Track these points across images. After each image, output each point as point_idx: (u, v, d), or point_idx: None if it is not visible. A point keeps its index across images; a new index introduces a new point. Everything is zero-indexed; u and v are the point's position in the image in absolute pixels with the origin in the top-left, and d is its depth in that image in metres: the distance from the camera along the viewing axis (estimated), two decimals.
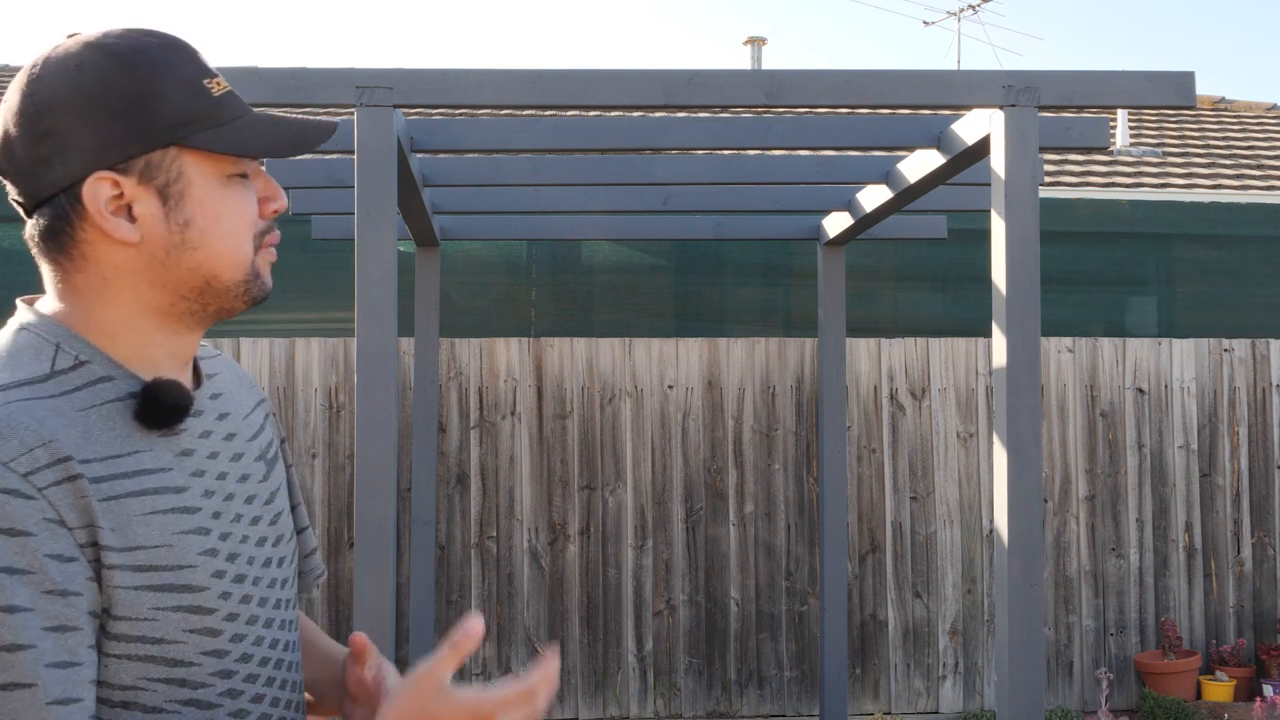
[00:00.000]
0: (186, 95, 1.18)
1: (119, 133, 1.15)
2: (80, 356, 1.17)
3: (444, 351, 6.25)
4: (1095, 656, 6.47)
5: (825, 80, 3.41)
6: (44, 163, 1.15)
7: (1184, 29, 37.35)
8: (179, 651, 1.16)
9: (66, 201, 1.17)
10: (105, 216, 1.16)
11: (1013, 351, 3.31)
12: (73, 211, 1.17)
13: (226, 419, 1.31)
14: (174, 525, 1.16)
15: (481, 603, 6.21)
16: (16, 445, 1.08)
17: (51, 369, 1.15)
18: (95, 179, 1.15)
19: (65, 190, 1.16)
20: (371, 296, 3.31)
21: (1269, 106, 9.64)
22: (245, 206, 1.23)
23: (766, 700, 6.33)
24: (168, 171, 1.18)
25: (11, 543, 1.05)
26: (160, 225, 1.18)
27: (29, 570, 1.06)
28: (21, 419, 1.10)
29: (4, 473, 1.06)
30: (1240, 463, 6.61)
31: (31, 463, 1.08)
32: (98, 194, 1.16)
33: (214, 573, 1.19)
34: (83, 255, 1.19)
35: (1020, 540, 3.28)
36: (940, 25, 15.05)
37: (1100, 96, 3.37)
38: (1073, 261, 6.76)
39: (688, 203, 5.19)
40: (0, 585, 1.04)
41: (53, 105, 1.14)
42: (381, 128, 3.33)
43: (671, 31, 46.62)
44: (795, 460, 6.38)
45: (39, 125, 1.15)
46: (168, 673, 1.16)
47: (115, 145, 1.15)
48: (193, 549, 1.17)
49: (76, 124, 1.14)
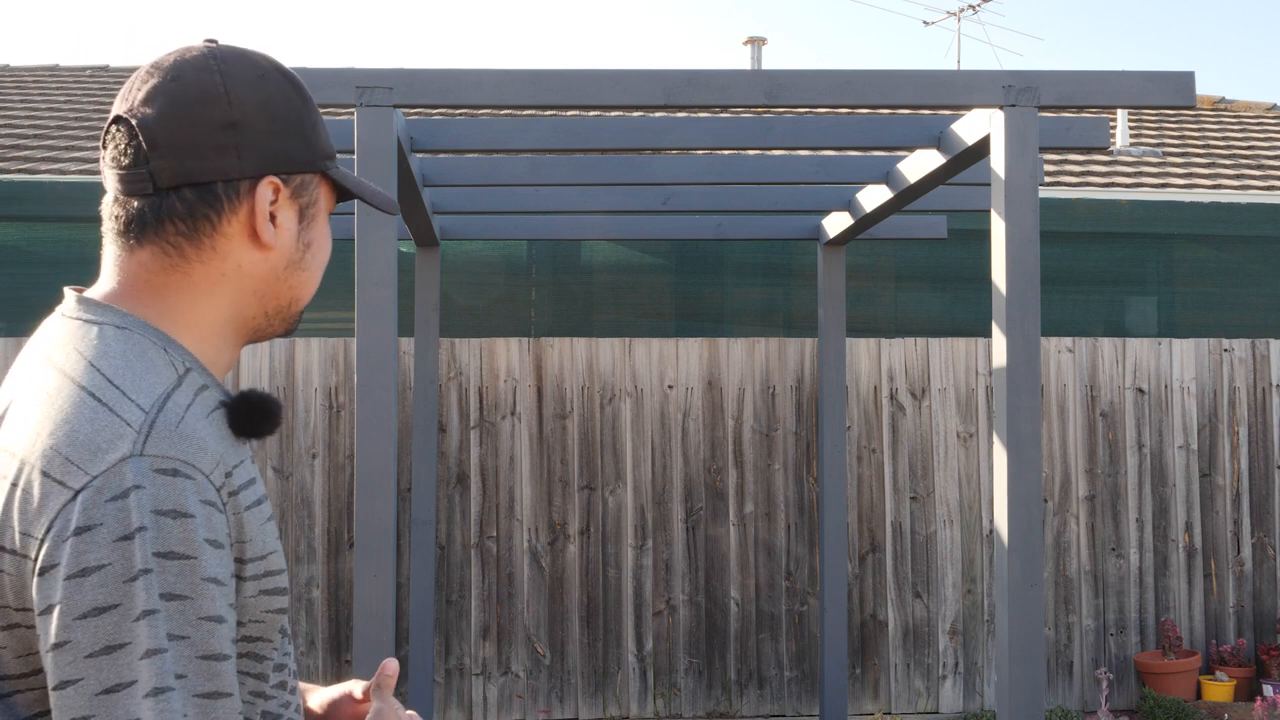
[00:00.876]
0: (325, 131, 1.28)
1: (296, 146, 1.22)
2: (185, 363, 1.17)
3: (444, 351, 6.25)
4: (1095, 656, 6.47)
5: (825, 80, 3.41)
6: (221, 149, 1.18)
7: (1184, 29, 37.33)
8: (267, 649, 1.18)
9: (225, 191, 1.19)
10: (264, 220, 1.21)
11: (1013, 351, 3.31)
12: (228, 202, 1.19)
13: None
14: (273, 532, 1.19)
15: (481, 602, 6.22)
16: (211, 458, 1.09)
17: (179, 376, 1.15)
18: (269, 181, 1.21)
19: (229, 180, 1.19)
20: (371, 296, 3.31)
21: (1269, 106, 9.64)
22: (329, 243, 1.32)
23: (766, 700, 6.33)
24: (311, 194, 1.26)
25: (218, 554, 1.06)
26: (291, 240, 1.24)
27: (225, 583, 1.07)
28: (205, 429, 1.11)
29: (206, 485, 1.07)
30: (1240, 463, 6.61)
31: (221, 477, 1.10)
32: (265, 195, 1.20)
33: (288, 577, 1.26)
34: (214, 246, 1.20)
35: (1020, 540, 3.28)
36: (940, 25, 15.05)
37: (1100, 96, 3.38)
38: (1073, 261, 6.76)
39: (688, 203, 5.19)
40: (213, 596, 1.05)
41: (244, 100, 1.19)
42: (381, 128, 3.33)
43: (671, 31, 46.58)
44: (795, 460, 6.38)
45: (227, 113, 1.18)
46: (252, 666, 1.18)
47: (290, 157, 1.22)
48: (280, 554, 1.20)
49: (265, 125, 1.20)
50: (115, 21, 39.41)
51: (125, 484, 1.02)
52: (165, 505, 1.03)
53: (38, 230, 6.44)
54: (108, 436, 1.05)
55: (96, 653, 0.99)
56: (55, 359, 1.12)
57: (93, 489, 1.02)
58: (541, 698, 6.22)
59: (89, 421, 1.05)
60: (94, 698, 0.99)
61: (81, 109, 8.24)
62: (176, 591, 1.02)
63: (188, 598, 1.03)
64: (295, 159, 1.22)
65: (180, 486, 1.04)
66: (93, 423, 1.05)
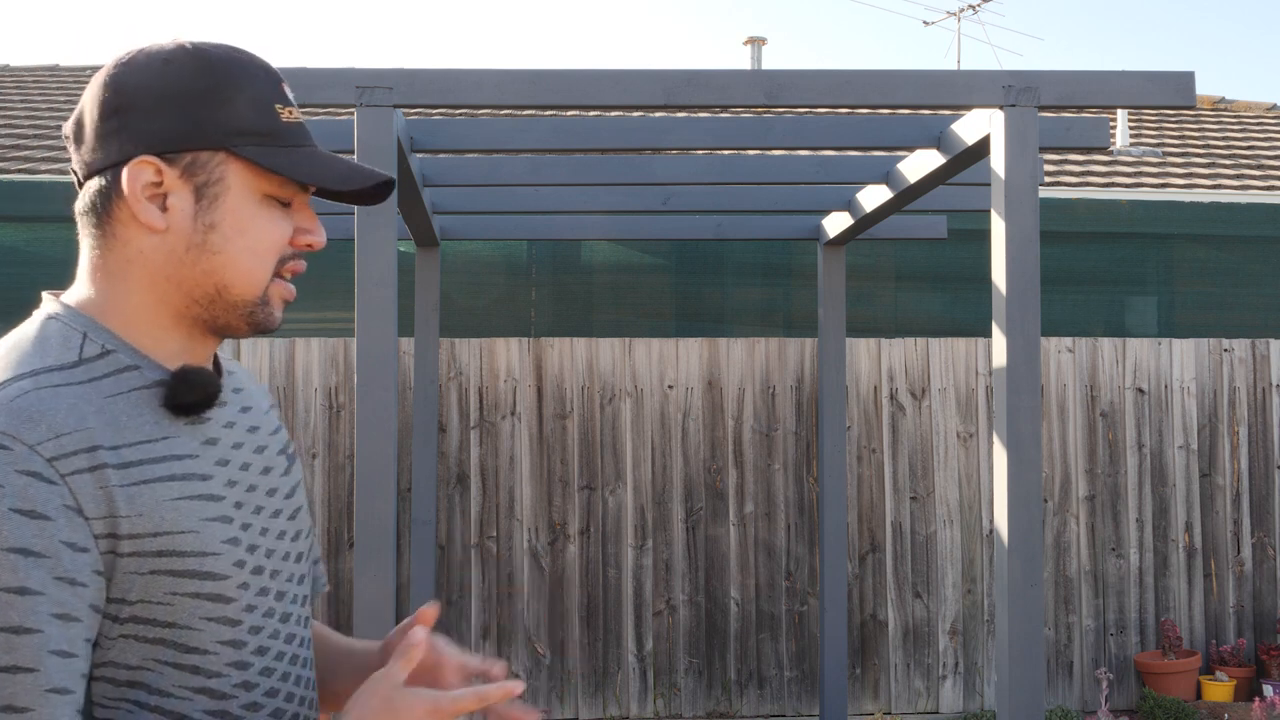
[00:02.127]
0: (252, 110, 1.23)
1: (178, 125, 1.20)
2: (106, 345, 1.20)
3: (444, 351, 6.25)
4: (1095, 656, 6.47)
5: (825, 80, 3.41)
6: (105, 138, 1.21)
7: (1184, 29, 37.34)
8: (194, 639, 1.17)
9: (112, 177, 1.21)
10: (139, 199, 1.20)
11: (1013, 351, 3.31)
12: (114, 188, 1.21)
13: (249, 412, 1.34)
14: (200, 512, 1.18)
15: (482, 603, 6.21)
16: (45, 430, 1.10)
17: (80, 356, 1.18)
18: (140, 162, 1.20)
19: (113, 166, 1.21)
20: (371, 296, 3.31)
21: (1269, 106, 9.64)
22: (274, 229, 1.25)
23: (766, 700, 6.33)
24: (210, 173, 1.22)
25: (31, 525, 1.06)
26: (187, 221, 1.22)
27: (45, 554, 1.07)
28: (51, 404, 1.12)
29: (30, 456, 1.08)
30: (1240, 463, 6.61)
31: (58, 449, 1.10)
32: (138, 176, 1.20)
33: (235, 562, 1.20)
34: (114, 233, 1.22)
35: (1020, 540, 3.28)
36: (940, 25, 15.05)
37: (1100, 96, 3.37)
38: (1073, 261, 6.75)
39: (688, 203, 5.19)
40: (15, 566, 1.05)
41: (130, 88, 1.20)
42: (381, 128, 3.33)
43: (671, 31, 46.65)
44: (795, 460, 6.38)
45: (112, 102, 1.20)
46: (178, 658, 1.17)
47: (169, 135, 1.20)
48: (216, 536, 1.18)
49: (144, 109, 1.20)
50: (115, 21, 39.38)
51: None
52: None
53: (38, 230, 6.44)
54: None
55: None
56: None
57: None
58: (541, 698, 6.22)
59: None
60: None
61: None
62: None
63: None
64: (176, 136, 1.20)
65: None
66: None
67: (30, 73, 9.49)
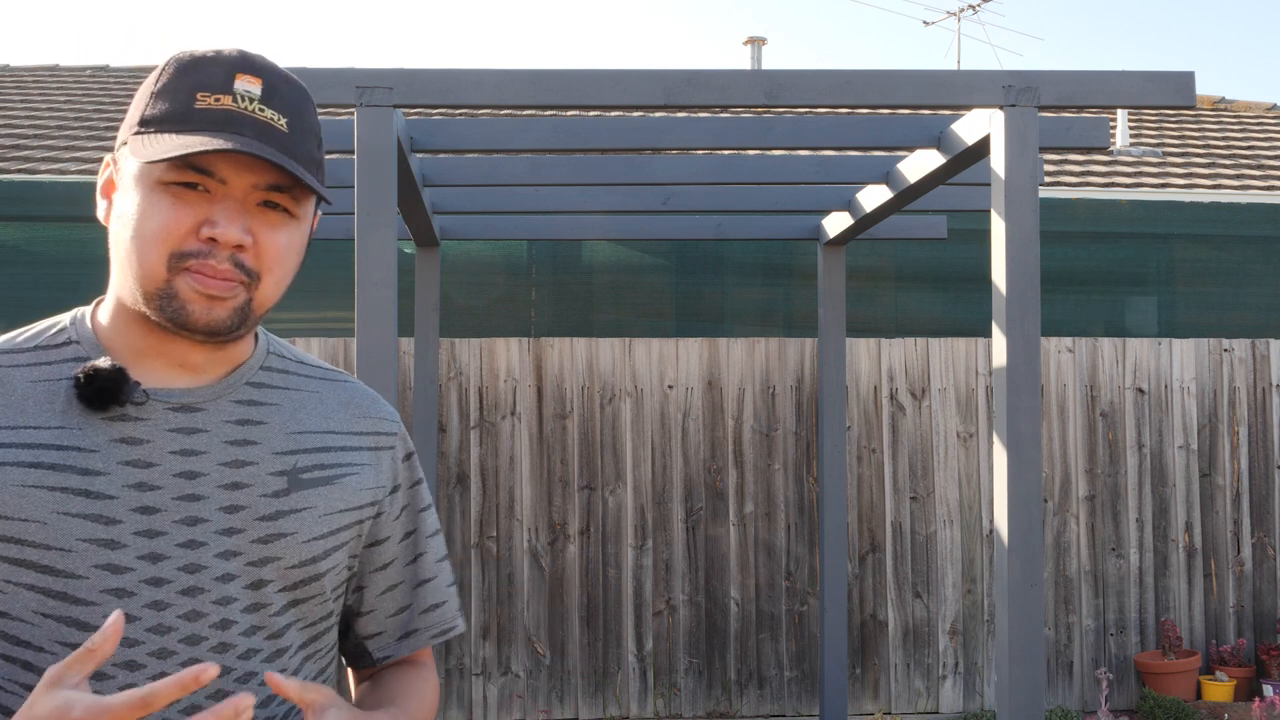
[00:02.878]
0: (167, 100, 1.19)
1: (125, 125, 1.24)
2: (72, 338, 1.25)
3: (444, 351, 6.25)
4: (1095, 656, 6.47)
5: (825, 80, 3.41)
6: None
7: (1184, 29, 37.29)
8: (25, 631, 1.13)
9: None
10: (97, 192, 1.27)
11: (1013, 351, 3.31)
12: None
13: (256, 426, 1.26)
14: (58, 505, 1.13)
15: (481, 603, 6.21)
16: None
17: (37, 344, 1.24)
18: (105, 162, 1.28)
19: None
20: (371, 296, 3.31)
21: (1269, 106, 9.64)
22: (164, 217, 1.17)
23: (766, 700, 6.33)
24: (122, 165, 1.23)
25: None
26: (110, 215, 1.25)
27: None
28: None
29: None
30: (1240, 463, 6.61)
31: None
32: (101, 174, 1.27)
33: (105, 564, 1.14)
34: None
35: (1020, 540, 3.28)
36: (940, 25, 15.04)
37: (1100, 96, 3.37)
38: (1073, 261, 6.75)
39: (688, 203, 5.19)
40: None
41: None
42: (381, 128, 3.33)
43: (671, 31, 46.57)
44: (795, 460, 6.38)
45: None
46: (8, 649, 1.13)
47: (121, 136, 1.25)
48: (74, 533, 1.13)
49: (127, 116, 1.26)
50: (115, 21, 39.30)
51: None
52: None
53: (38, 230, 6.44)
54: None
55: None
56: None
57: None
58: (541, 698, 6.22)
59: None
60: None
61: (81, 109, 8.24)
62: None
63: None
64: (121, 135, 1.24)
65: None
66: None
67: (30, 73, 9.49)
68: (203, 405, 1.24)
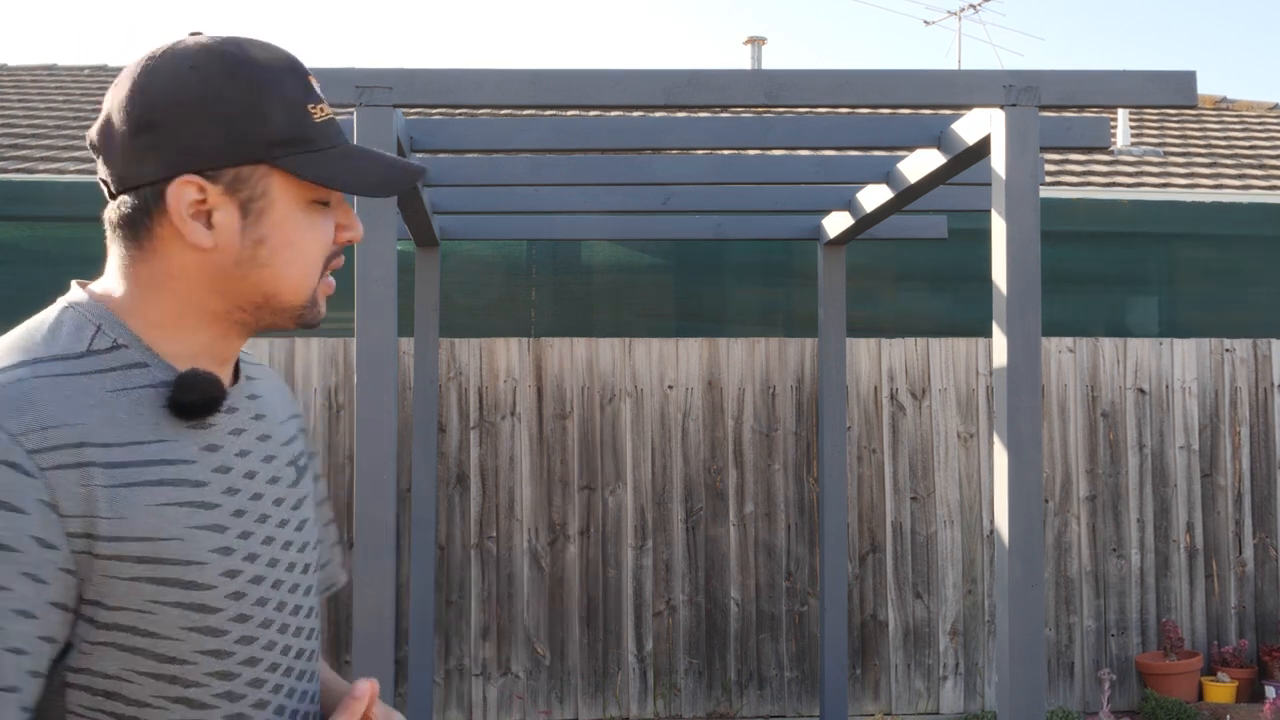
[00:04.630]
0: (287, 116, 1.19)
1: (216, 141, 1.16)
2: (118, 340, 1.17)
3: (444, 351, 6.25)
4: (1096, 657, 6.46)
5: (825, 80, 3.40)
6: (139, 154, 1.17)
7: (1184, 29, 37.31)
8: (172, 648, 1.14)
9: (151, 195, 1.18)
10: (184, 219, 1.17)
11: (1013, 351, 3.31)
12: (154, 206, 1.18)
13: (262, 420, 1.31)
14: (187, 519, 1.15)
15: (481, 603, 6.21)
16: (31, 420, 1.08)
17: (88, 348, 1.16)
18: (182, 182, 1.16)
19: (152, 184, 1.17)
20: (371, 296, 3.31)
21: (1270, 106, 9.63)
22: (320, 234, 1.24)
23: (767, 701, 6.32)
24: (253, 188, 1.19)
25: (3, 517, 1.04)
26: (235, 237, 1.19)
27: (14, 548, 1.04)
28: (45, 395, 1.10)
29: (10, 445, 1.06)
30: (1242, 463, 6.60)
31: (41, 441, 1.07)
32: (182, 196, 1.17)
33: (225, 571, 1.17)
34: (154, 249, 1.19)
35: (1021, 540, 3.27)
36: (940, 25, 15.05)
37: (1101, 96, 3.37)
38: (1073, 261, 6.75)
39: (688, 203, 5.18)
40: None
41: (159, 100, 1.16)
42: (381, 127, 3.32)
43: (671, 31, 46.63)
44: (795, 460, 6.37)
45: (143, 116, 1.16)
46: (156, 668, 1.14)
47: (210, 152, 1.16)
48: (204, 545, 1.15)
49: (178, 123, 1.16)
50: (114, 21, 39.33)
51: None
52: None
53: (37, 230, 6.44)
54: None
55: None
56: None
57: None
58: (541, 698, 6.22)
59: None
60: None
61: (80, 108, 8.23)
62: None
63: None
64: (217, 153, 1.16)
65: None
66: None
67: (28, 72, 9.48)
68: (237, 405, 1.28)
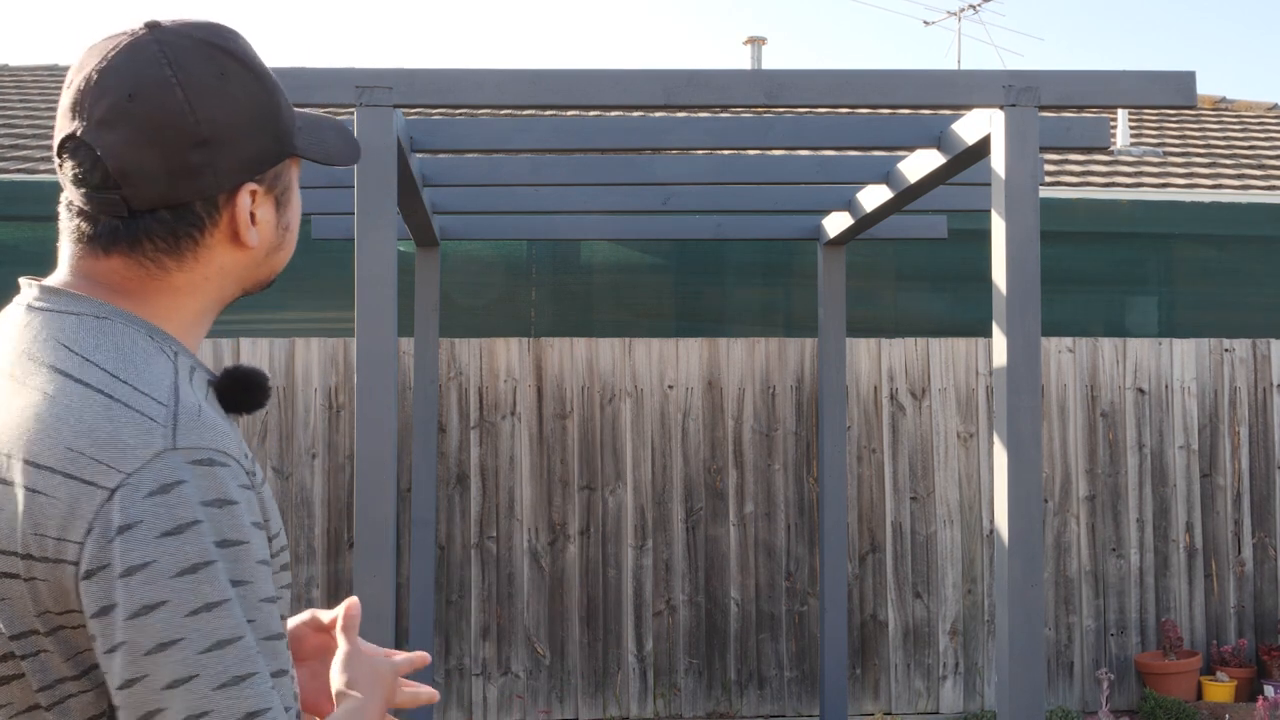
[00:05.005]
0: (286, 101, 1.22)
1: (266, 146, 1.17)
2: (172, 346, 1.14)
3: (444, 351, 6.25)
4: (1096, 657, 6.47)
5: (825, 80, 3.40)
6: (195, 171, 1.13)
7: (1184, 29, 37.29)
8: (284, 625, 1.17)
9: (206, 208, 1.15)
10: (248, 226, 1.17)
11: (1013, 351, 3.31)
12: (208, 218, 1.15)
13: None
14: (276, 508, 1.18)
15: (481, 603, 6.21)
16: (234, 443, 1.08)
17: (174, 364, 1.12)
18: (247, 190, 1.17)
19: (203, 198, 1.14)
20: (371, 296, 3.31)
21: (1270, 106, 9.63)
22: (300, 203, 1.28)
23: (767, 701, 6.32)
24: (284, 180, 1.22)
25: (260, 535, 1.07)
26: (271, 230, 1.22)
27: (269, 562, 1.08)
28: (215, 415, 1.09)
29: (239, 469, 1.07)
30: (1241, 463, 6.60)
31: (245, 459, 1.09)
32: (245, 205, 1.17)
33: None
34: (196, 257, 1.17)
35: (1020, 540, 3.28)
36: (940, 25, 15.05)
37: (1101, 96, 3.37)
38: (1073, 261, 6.75)
39: (688, 203, 5.19)
40: (265, 576, 1.06)
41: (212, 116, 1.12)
42: (381, 128, 3.32)
43: (671, 31, 46.59)
44: (795, 460, 6.37)
45: (196, 133, 1.12)
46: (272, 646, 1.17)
47: (263, 158, 1.17)
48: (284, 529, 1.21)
49: (237, 134, 1.14)
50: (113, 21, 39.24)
51: (165, 479, 1.01)
52: (210, 495, 1.03)
53: (37, 230, 6.44)
54: (133, 433, 1.03)
55: (153, 649, 0.99)
56: (38, 354, 1.09)
57: (129, 487, 1.01)
58: (541, 698, 6.22)
59: (106, 419, 1.03)
60: (160, 691, 0.99)
61: None
62: (239, 577, 1.02)
63: (249, 582, 1.03)
64: (268, 157, 1.18)
65: (219, 475, 1.04)
66: (111, 420, 1.03)
67: (29, 72, 9.48)
68: None
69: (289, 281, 6.44)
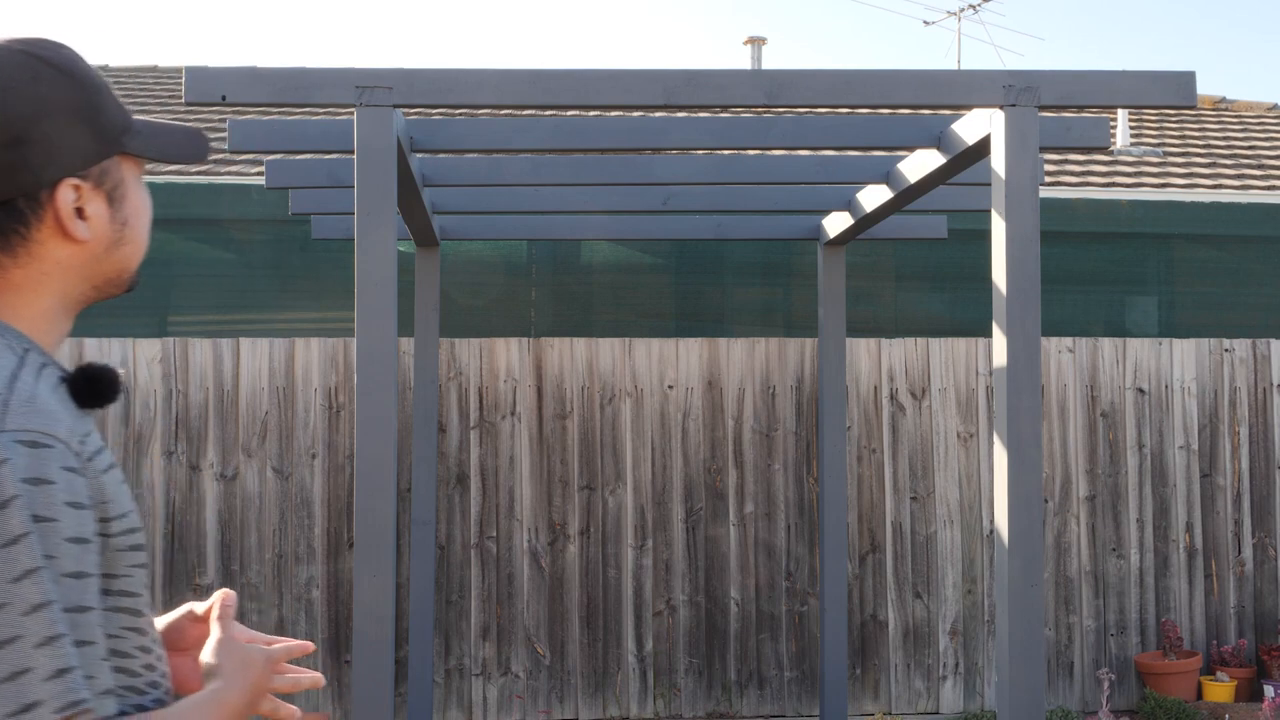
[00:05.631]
0: (115, 105, 1.30)
1: (87, 142, 1.25)
2: (21, 344, 1.23)
3: (444, 351, 6.25)
4: (1096, 657, 6.47)
5: (825, 80, 3.40)
6: (11, 168, 1.21)
7: (1184, 29, 37.28)
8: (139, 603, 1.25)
9: (28, 204, 1.23)
10: (73, 220, 1.24)
11: (1013, 351, 3.31)
12: (32, 213, 1.23)
13: None
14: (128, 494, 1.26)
15: (481, 603, 6.21)
16: (65, 428, 1.16)
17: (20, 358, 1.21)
18: (66, 184, 1.24)
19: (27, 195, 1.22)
20: (371, 296, 3.31)
21: (1269, 106, 9.64)
22: (149, 201, 1.36)
23: (766, 701, 6.32)
24: (115, 177, 1.29)
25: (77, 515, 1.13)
26: (106, 225, 1.28)
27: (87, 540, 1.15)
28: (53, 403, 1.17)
29: (65, 452, 1.14)
30: (1241, 463, 6.61)
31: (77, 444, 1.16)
32: (66, 200, 1.24)
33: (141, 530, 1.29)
34: (29, 252, 1.24)
35: (1020, 540, 3.28)
36: (940, 25, 15.05)
37: (1101, 96, 3.37)
38: (1073, 261, 6.75)
39: (688, 203, 5.19)
40: (73, 553, 1.13)
41: (22, 114, 1.21)
42: (381, 128, 3.32)
43: (671, 31, 46.53)
44: (795, 460, 6.37)
45: (8, 132, 1.20)
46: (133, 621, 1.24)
47: (84, 154, 1.25)
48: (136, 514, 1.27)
49: (50, 131, 1.22)
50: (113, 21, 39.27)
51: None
52: (30, 474, 1.11)
53: None
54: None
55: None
56: None
57: None
58: (541, 698, 6.22)
59: None
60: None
61: None
62: (48, 552, 1.11)
63: (55, 557, 1.11)
64: (88, 154, 1.25)
65: (43, 455, 1.12)
66: None
67: None
68: None
69: (289, 281, 6.46)
